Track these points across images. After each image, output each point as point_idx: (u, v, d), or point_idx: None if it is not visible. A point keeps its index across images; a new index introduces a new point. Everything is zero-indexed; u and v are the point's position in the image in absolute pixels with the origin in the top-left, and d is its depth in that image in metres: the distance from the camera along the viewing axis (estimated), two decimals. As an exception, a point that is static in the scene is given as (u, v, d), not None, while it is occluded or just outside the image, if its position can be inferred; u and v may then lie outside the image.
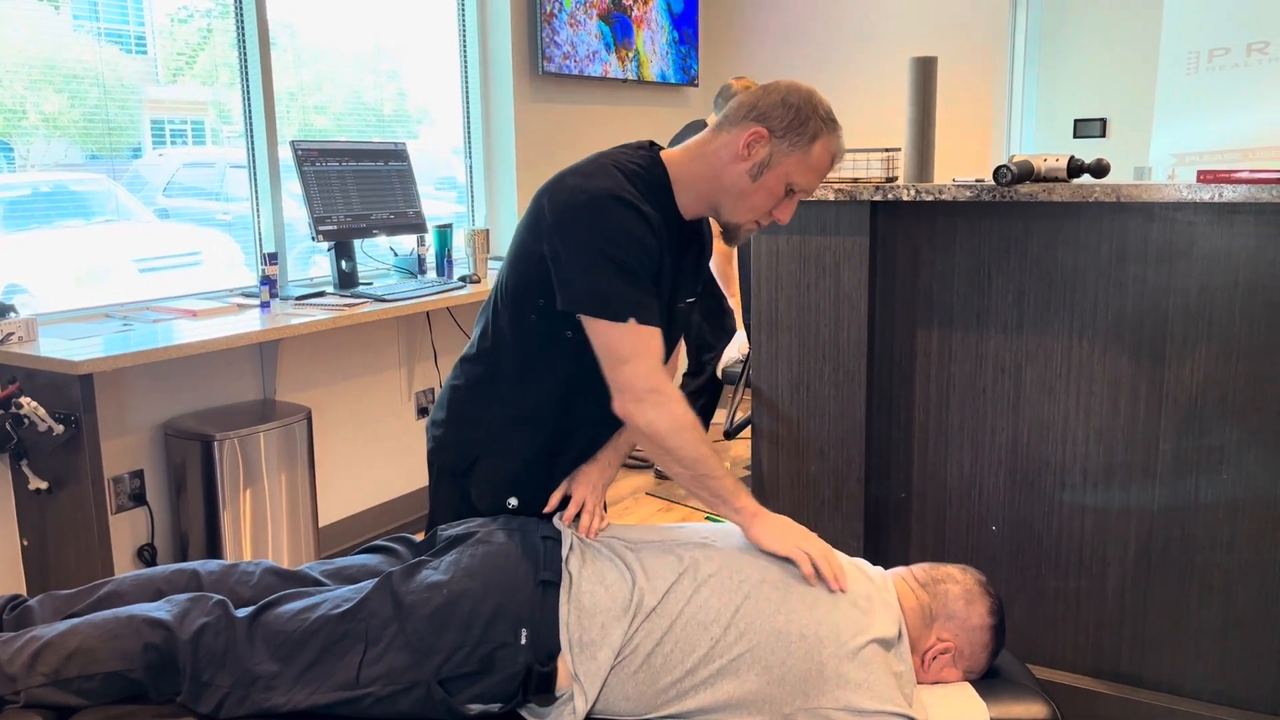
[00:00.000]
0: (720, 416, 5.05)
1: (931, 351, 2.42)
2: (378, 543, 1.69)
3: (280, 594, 1.51)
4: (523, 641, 1.44)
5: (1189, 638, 2.24)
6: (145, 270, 3.15)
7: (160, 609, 1.49)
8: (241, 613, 1.48)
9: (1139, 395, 2.21)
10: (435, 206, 4.13)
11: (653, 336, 1.56)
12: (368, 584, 1.50)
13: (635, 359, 1.53)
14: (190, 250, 3.28)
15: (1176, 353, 2.17)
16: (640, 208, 1.54)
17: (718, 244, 1.87)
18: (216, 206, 3.32)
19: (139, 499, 2.88)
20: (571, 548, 1.56)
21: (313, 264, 3.62)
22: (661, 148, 1.70)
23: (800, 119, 1.57)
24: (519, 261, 1.63)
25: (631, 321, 1.53)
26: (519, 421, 1.69)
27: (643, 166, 1.62)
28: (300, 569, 1.62)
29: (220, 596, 1.50)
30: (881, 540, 2.55)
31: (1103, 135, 4.67)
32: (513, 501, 1.70)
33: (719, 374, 3.60)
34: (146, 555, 2.89)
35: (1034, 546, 2.37)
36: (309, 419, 3.07)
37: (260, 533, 2.94)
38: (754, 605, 1.47)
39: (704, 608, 1.48)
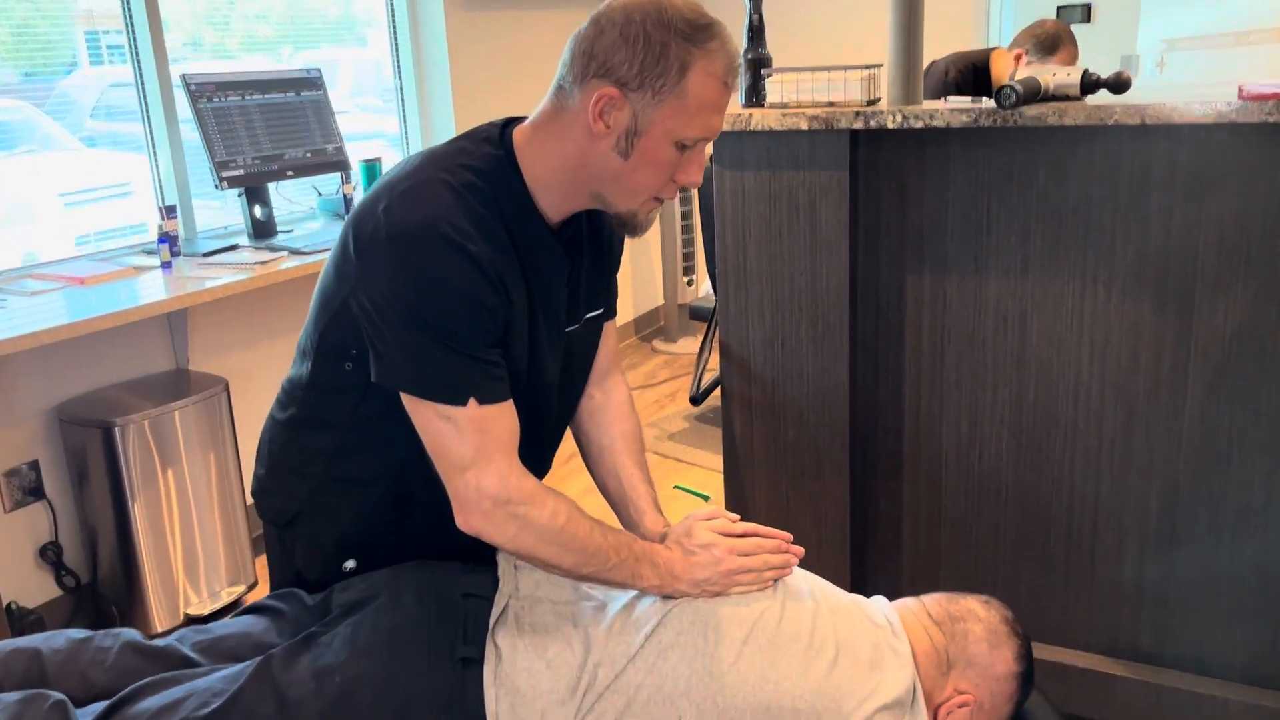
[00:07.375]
0: (687, 380, 4.74)
1: (923, 300, 2.11)
2: (262, 601, 1.37)
3: (137, 686, 1.21)
4: None
5: (1218, 614, 2.00)
6: (71, 205, 2.84)
7: (-16, 712, 1.19)
8: (88, 713, 1.19)
9: (1163, 345, 1.93)
10: (382, 121, 3.74)
11: (500, 418, 1.20)
12: (244, 669, 1.20)
13: (477, 463, 1.18)
14: (119, 181, 2.95)
15: (1208, 296, 1.87)
16: (467, 246, 1.14)
17: None
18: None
19: (36, 493, 2.56)
20: (505, 611, 1.26)
21: (234, 207, 3.22)
22: (521, 121, 1.26)
23: (653, 53, 1.13)
24: (325, 307, 1.28)
25: (472, 403, 1.18)
26: (347, 481, 1.36)
27: (481, 170, 1.20)
28: (168, 642, 1.31)
29: (59, 696, 1.19)
30: (870, 513, 2.28)
31: (1087, 20, 4.30)
32: (350, 564, 1.38)
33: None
34: (51, 554, 2.58)
35: (1042, 514, 2.11)
36: (227, 390, 2.74)
37: (186, 518, 2.64)
38: (735, 674, 1.19)
39: (669, 677, 1.19)
